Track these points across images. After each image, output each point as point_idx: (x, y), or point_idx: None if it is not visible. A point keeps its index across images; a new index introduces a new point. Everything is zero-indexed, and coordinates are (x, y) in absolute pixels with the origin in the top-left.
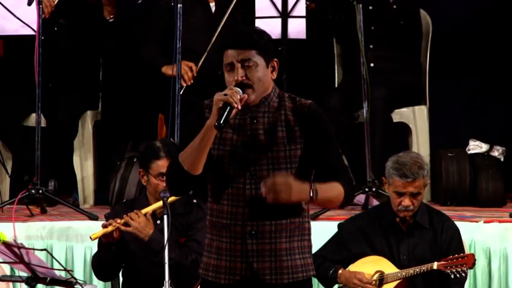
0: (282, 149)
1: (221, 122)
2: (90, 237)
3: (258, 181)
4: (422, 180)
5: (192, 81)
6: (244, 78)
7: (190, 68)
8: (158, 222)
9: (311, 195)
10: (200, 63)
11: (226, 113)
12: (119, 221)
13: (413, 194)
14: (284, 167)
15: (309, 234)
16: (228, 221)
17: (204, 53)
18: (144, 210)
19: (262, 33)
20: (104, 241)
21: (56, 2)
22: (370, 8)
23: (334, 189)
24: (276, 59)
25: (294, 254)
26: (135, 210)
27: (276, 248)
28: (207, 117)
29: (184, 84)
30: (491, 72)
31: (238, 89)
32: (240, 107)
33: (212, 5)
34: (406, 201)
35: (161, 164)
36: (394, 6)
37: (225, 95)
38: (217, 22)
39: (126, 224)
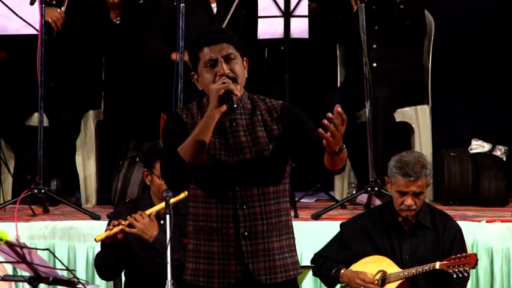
0: (266, 149)
1: (232, 103)
2: (95, 239)
3: (246, 182)
4: (425, 180)
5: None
6: (229, 72)
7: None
8: (162, 222)
9: (342, 146)
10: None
11: (231, 97)
12: (123, 222)
13: (415, 194)
14: (269, 166)
15: (293, 232)
16: (219, 224)
17: None
18: (148, 211)
19: (233, 32)
20: (107, 242)
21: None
22: (374, 7)
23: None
24: (246, 58)
25: (284, 253)
26: (139, 212)
27: (269, 248)
28: (185, 121)
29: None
30: (494, 71)
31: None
32: (239, 95)
33: (214, 5)
34: (409, 201)
35: None
36: (402, 6)
37: (224, 83)
38: (219, 23)
39: (130, 226)
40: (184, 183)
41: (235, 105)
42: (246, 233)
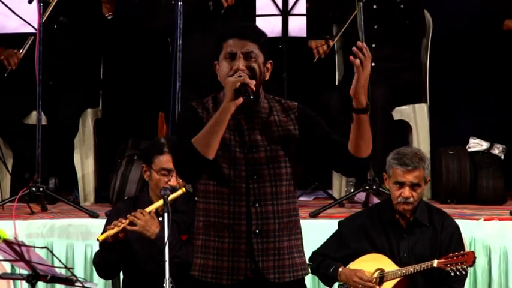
0: (281, 148)
1: (249, 95)
2: (97, 239)
3: (260, 180)
4: (422, 172)
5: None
6: (245, 69)
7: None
8: (160, 219)
9: (368, 103)
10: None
11: (247, 89)
12: (123, 221)
13: (413, 185)
14: (284, 166)
15: (301, 233)
16: (231, 220)
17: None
18: (148, 209)
19: (263, 32)
20: (109, 241)
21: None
22: (374, 7)
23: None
24: (271, 61)
25: (293, 253)
26: (139, 210)
27: (279, 247)
28: (201, 116)
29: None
30: (492, 70)
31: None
32: (254, 90)
33: (211, 3)
34: (406, 192)
35: (164, 160)
36: (402, 6)
37: (240, 76)
38: (216, 21)
39: (132, 224)
40: (197, 175)
41: (251, 97)
42: (257, 231)
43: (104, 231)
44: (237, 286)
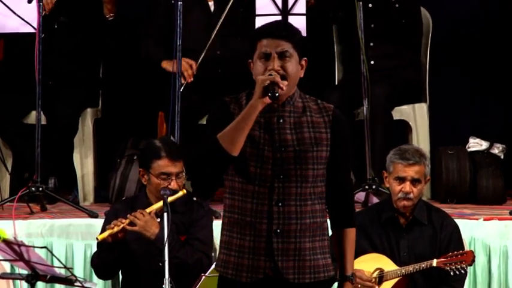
0: (310, 150)
1: (275, 93)
2: (97, 238)
3: (286, 180)
4: (423, 168)
5: (192, 79)
6: (280, 69)
7: (191, 66)
8: (159, 220)
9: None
10: (200, 61)
11: (274, 88)
12: (123, 221)
13: (413, 181)
14: (311, 168)
15: (328, 234)
16: (253, 218)
17: (203, 51)
18: (148, 209)
19: (298, 29)
20: (109, 241)
21: None
22: (370, 5)
23: (353, 243)
24: (305, 58)
25: (316, 254)
26: (139, 210)
27: (300, 248)
28: (232, 112)
29: (184, 82)
30: (491, 69)
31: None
32: (284, 89)
33: (211, 3)
34: (407, 187)
35: (162, 164)
36: (397, 5)
37: (270, 75)
38: (216, 21)
39: (131, 224)
40: (219, 170)
41: (277, 95)
42: (278, 231)
43: (103, 231)
44: (257, 284)
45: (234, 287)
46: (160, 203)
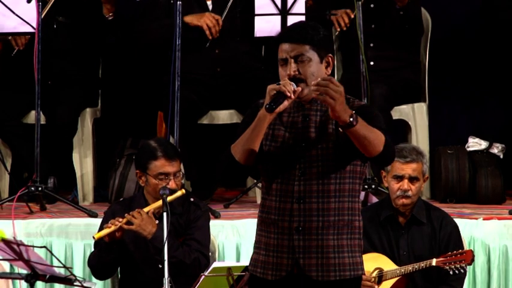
0: (332, 146)
1: (272, 104)
2: (93, 237)
3: (307, 177)
4: (421, 165)
5: (218, 35)
6: (296, 73)
7: (217, 21)
8: (157, 222)
9: (351, 119)
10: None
11: (278, 98)
12: (120, 220)
13: (411, 178)
14: (333, 164)
15: (360, 233)
16: (276, 216)
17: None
18: (146, 209)
19: (318, 28)
20: (106, 240)
21: None
22: (372, 6)
23: (374, 131)
24: (330, 55)
25: (342, 252)
26: (137, 209)
27: (323, 245)
28: None
29: (210, 38)
30: (491, 69)
31: (292, 82)
32: (293, 97)
33: (209, 3)
34: (405, 185)
35: (159, 164)
36: (401, 12)
37: (278, 84)
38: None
39: (128, 223)
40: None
41: (274, 107)
42: (300, 228)
43: (101, 230)
44: (282, 282)
45: (262, 285)
46: (158, 203)
